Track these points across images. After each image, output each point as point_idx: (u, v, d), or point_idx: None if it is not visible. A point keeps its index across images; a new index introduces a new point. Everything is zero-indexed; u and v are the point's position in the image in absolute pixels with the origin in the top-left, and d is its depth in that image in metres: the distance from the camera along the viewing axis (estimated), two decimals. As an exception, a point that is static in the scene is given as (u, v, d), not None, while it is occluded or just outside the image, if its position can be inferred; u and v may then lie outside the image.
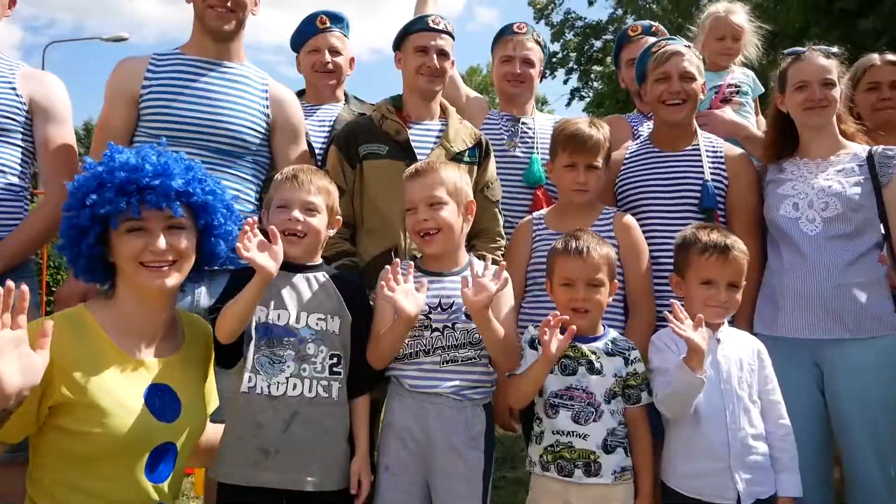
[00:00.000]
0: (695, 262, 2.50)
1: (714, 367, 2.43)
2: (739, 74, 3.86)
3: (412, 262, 2.55)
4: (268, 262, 2.21)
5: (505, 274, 2.42)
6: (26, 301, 1.76)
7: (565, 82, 24.57)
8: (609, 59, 18.56)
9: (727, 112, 3.60)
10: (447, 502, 2.44)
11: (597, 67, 23.94)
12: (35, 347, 1.78)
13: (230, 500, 2.31)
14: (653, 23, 4.02)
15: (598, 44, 23.76)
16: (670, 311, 2.34)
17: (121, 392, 2.00)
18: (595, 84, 24.65)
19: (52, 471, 1.98)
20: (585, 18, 24.09)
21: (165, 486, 2.11)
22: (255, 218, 2.35)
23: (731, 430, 2.39)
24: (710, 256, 2.48)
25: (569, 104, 25.13)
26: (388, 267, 2.43)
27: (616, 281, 2.55)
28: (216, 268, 2.38)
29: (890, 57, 3.44)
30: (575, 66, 24.33)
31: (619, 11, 22.71)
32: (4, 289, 1.73)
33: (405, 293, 2.37)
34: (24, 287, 1.76)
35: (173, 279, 2.11)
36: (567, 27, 24.29)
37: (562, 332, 2.32)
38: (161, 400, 2.08)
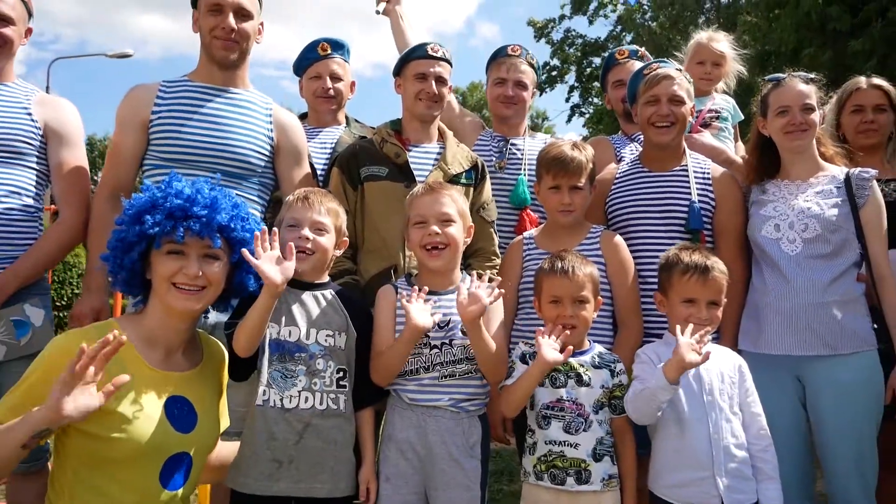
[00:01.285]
0: (677, 281, 2.61)
1: (697, 379, 2.55)
2: (720, 101, 3.98)
3: (408, 278, 2.67)
4: (275, 273, 2.31)
5: (498, 290, 2.54)
6: (120, 346, 1.97)
7: (567, 100, 24.77)
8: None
9: (706, 136, 3.70)
10: None
11: (596, 84, 24.11)
12: (100, 388, 1.94)
13: None
14: (639, 48, 4.16)
15: (597, 61, 23.93)
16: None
17: (143, 401, 2.12)
18: (595, 100, 24.86)
19: (73, 473, 2.10)
20: (585, 36, 24.31)
21: (179, 494, 2.23)
22: (276, 230, 2.45)
23: (714, 439, 2.49)
24: (690, 277, 2.58)
25: (569, 120, 25.35)
26: (390, 287, 2.55)
27: (600, 297, 2.66)
28: None
29: (875, 81, 3.51)
30: (576, 84, 24.52)
31: (619, 29, 22.95)
32: (116, 341, 1.94)
33: (418, 307, 2.49)
34: (123, 338, 1.98)
35: (199, 304, 2.25)
36: (567, 45, 24.49)
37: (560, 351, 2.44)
38: (179, 411, 2.20)
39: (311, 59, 3.93)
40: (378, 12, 4.08)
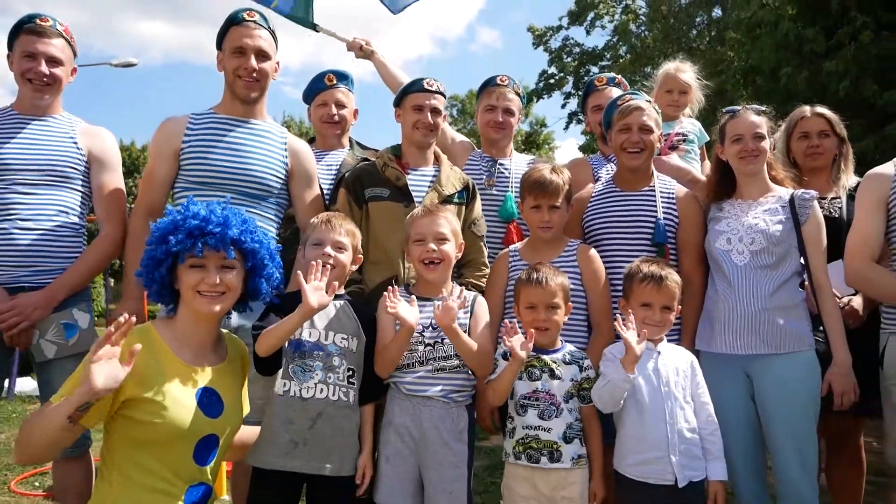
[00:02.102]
0: (636, 288, 3.00)
1: (655, 373, 2.94)
2: (687, 124, 4.33)
3: (406, 287, 3.07)
4: (313, 298, 2.67)
5: (474, 298, 2.98)
6: (131, 326, 2.30)
7: (563, 106, 25.14)
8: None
9: (673, 158, 4.04)
10: (438, 485, 2.93)
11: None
12: (122, 362, 2.28)
13: (264, 481, 2.84)
14: (616, 76, 4.52)
15: (594, 69, 24.30)
16: (623, 317, 2.82)
17: (178, 392, 2.49)
18: (591, 108, 25.14)
19: (121, 451, 2.46)
20: (583, 45, 24.69)
21: (208, 469, 2.61)
22: (319, 264, 2.81)
23: (670, 424, 2.86)
24: (647, 284, 2.98)
25: (566, 127, 25.74)
26: (386, 292, 2.92)
27: (570, 303, 3.04)
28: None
29: (818, 109, 3.88)
30: (573, 92, 24.87)
31: (615, 39, 23.35)
32: (125, 321, 2.26)
33: (405, 308, 2.89)
34: (132, 318, 2.29)
35: (221, 307, 2.62)
36: (565, 53, 24.86)
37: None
38: (209, 399, 2.56)
39: (319, 88, 4.30)
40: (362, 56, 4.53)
